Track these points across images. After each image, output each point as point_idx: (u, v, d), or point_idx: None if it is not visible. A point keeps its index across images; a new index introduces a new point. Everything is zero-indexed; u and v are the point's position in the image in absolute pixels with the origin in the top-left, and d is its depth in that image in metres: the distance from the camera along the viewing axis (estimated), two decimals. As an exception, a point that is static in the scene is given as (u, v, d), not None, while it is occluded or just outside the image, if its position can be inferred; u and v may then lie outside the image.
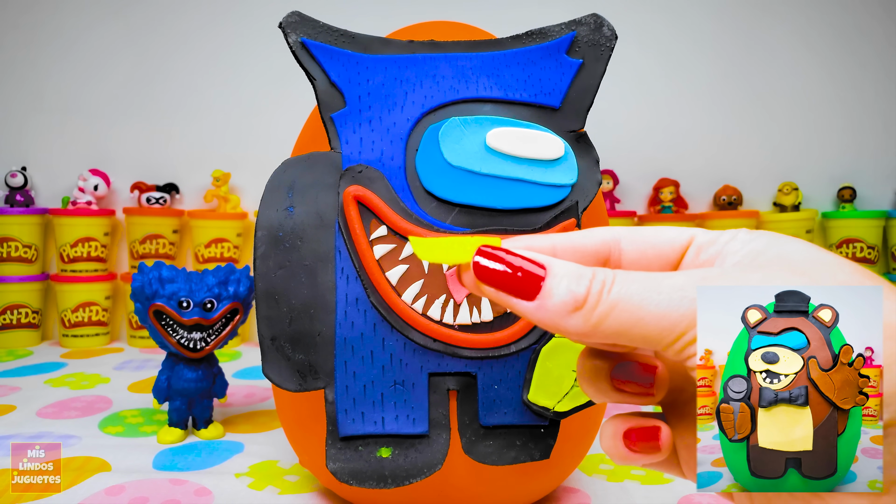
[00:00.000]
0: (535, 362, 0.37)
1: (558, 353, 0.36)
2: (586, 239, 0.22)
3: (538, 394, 0.36)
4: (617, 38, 0.41)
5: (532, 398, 0.36)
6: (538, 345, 0.36)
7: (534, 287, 0.19)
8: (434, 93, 0.41)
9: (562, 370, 0.36)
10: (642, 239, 0.22)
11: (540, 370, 0.36)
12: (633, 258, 0.22)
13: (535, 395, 0.36)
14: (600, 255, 0.22)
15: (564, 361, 0.36)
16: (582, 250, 0.22)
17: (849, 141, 1.23)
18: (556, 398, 0.36)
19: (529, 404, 0.36)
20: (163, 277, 0.58)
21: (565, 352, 0.36)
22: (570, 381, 0.36)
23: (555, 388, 0.36)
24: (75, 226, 1.08)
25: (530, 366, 0.36)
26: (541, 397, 0.37)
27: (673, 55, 1.25)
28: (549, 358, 0.36)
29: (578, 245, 0.22)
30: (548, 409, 0.36)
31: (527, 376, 0.36)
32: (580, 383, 0.24)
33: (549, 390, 0.36)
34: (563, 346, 0.36)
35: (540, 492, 0.45)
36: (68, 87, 1.20)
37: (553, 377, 0.36)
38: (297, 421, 0.45)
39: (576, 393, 0.36)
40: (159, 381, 0.61)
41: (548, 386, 0.36)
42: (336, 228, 0.41)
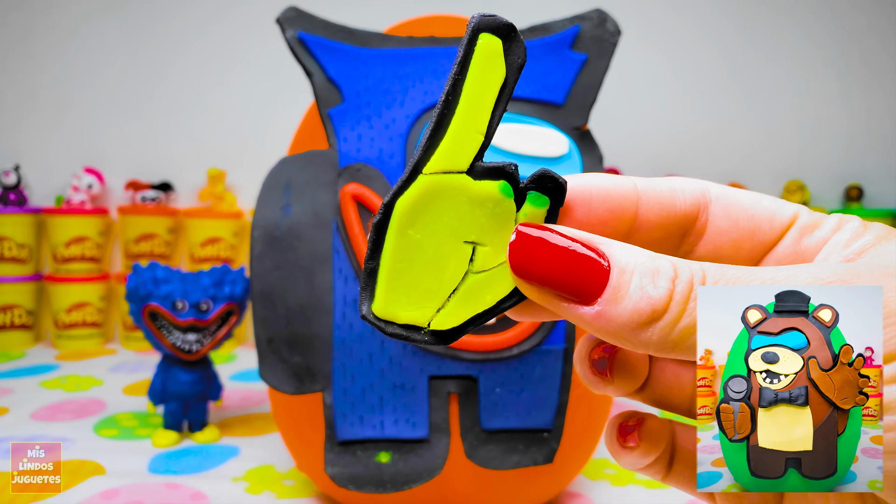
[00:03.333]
0: (385, 234, 0.17)
1: (436, 207, 0.17)
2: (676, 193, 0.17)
3: (394, 299, 0.17)
4: (621, 34, 0.41)
5: (381, 309, 0.17)
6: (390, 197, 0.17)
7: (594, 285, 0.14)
8: (434, 88, 0.40)
9: (444, 244, 0.17)
10: (738, 205, 0.17)
11: (396, 250, 0.17)
12: (721, 227, 0.17)
13: (388, 303, 0.17)
14: (690, 217, 0.17)
15: (447, 223, 0.17)
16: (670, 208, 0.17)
17: (856, 139, 1.23)
18: (433, 304, 0.17)
19: (376, 321, 0.17)
20: (157, 278, 0.58)
21: (451, 203, 0.17)
22: (459, 265, 0.17)
23: (428, 285, 0.17)
24: (69, 225, 1.07)
25: (374, 243, 0.17)
26: (401, 305, 0.17)
27: (678, 51, 1.24)
28: (415, 220, 0.17)
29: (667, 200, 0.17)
30: (417, 329, 0.17)
31: (367, 266, 0.17)
32: (576, 361, 0.19)
33: (418, 289, 0.17)
34: (447, 190, 0.17)
35: (543, 496, 0.44)
36: (62, 84, 1.19)
37: (424, 261, 0.17)
38: (295, 424, 0.44)
39: (472, 289, 0.17)
40: (154, 384, 0.60)
41: (414, 281, 0.17)
42: (334, 228, 0.40)
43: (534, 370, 0.40)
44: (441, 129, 0.17)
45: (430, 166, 0.17)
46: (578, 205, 0.17)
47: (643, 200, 0.17)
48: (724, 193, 0.17)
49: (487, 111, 0.17)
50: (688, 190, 0.17)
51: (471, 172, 0.17)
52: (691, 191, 0.17)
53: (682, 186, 0.17)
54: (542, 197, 0.17)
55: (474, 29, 0.16)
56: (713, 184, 0.18)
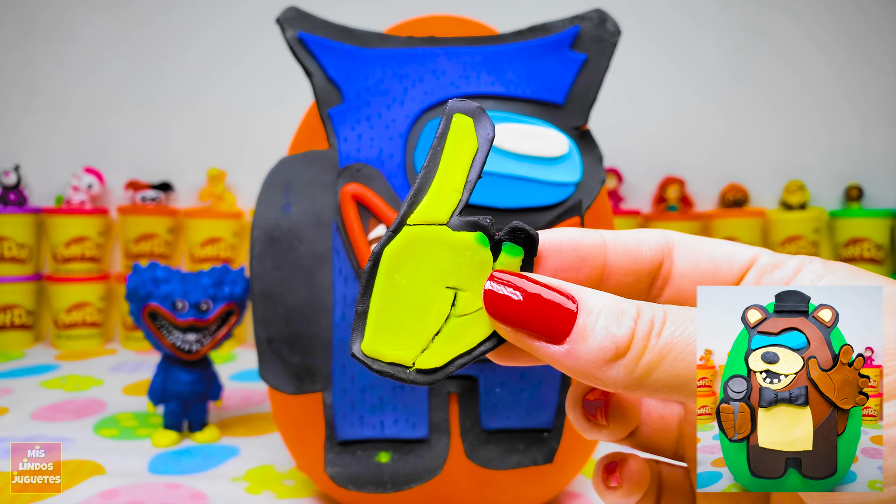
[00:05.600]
0: (374, 280, 0.19)
1: (419, 255, 0.19)
2: (641, 243, 0.19)
3: (381, 339, 0.19)
4: (621, 34, 0.41)
5: (369, 348, 0.19)
6: (379, 246, 0.19)
7: (562, 326, 0.16)
8: (434, 88, 0.40)
9: (427, 289, 0.19)
10: (698, 249, 0.19)
11: (384, 293, 0.19)
12: (684, 270, 0.19)
13: (375, 342, 0.19)
14: (655, 263, 0.19)
15: (430, 270, 0.19)
16: (636, 256, 0.18)
17: (856, 139, 1.23)
18: (417, 344, 0.19)
19: (364, 359, 0.19)
20: (157, 278, 0.58)
21: (433, 252, 0.19)
22: (442, 308, 0.19)
23: (413, 326, 0.19)
24: (69, 225, 1.07)
25: (364, 287, 0.19)
26: (387, 345, 0.19)
27: (678, 52, 1.24)
28: (401, 266, 0.19)
29: (632, 248, 0.18)
30: (403, 367, 0.19)
31: (358, 308, 0.19)
32: (568, 406, 0.21)
33: (403, 330, 0.19)
34: (428, 240, 0.19)
35: (542, 496, 0.44)
36: (62, 84, 1.19)
37: (409, 304, 0.19)
38: (294, 424, 0.44)
39: (454, 331, 0.19)
40: (154, 384, 0.60)
41: (400, 323, 0.19)
42: (334, 228, 0.40)
43: (534, 370, 0.40)
44: (423, 188, 0.19)
45: (413, 218, 0.19)
46: (551, 254, 0.18)
47: (611, 249, 0.18)
48: (684, 239, 0.19)
49: (463, 173, 0.19)
50: (652, 239, 0.19)
51: (450, 225, 0.19)
52: (655, 239, 0.19)
53: (646, 236, 0.19)
54: (517, 247, 0.18)
55: (449, 111, 0.19)
56: (675, 232, 0.19)
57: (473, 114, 0.19)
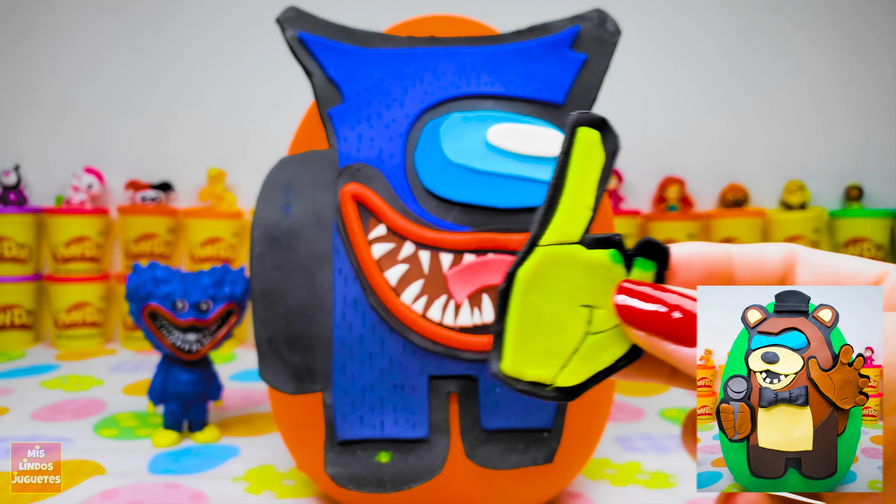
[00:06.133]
0: (509, 300, 0.19)
1: (554, 274, 0.19)
2: (765, 256, 0.19)
3: (521, 359, 0.19)
4: (621, 34, 0.41)
5: (510, 367, 0.19)
6: (512, 268, 0.19)
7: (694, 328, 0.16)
8: (434, 88, 0.40)
9: (563, 308, 0.19)
10: (822, 264, 0.19)
11: (520, 314, 0.19)
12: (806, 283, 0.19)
13: (515, 362, 0.19)
14: (778, 276, 0.19)
15: (567, 289, 0.19)
16: (760, 269, 0.19)
17: (856, 139, 1.23)
18: (556, 363, 0.19)
19: (506, 379, 0.19)
20: (157, 278, 0.58)
21: (567, 271, 0.19)
22: (578, 327, 0.19)
23: (551, 345, 0.19)
24: (69, 225, 1.07)
25: (500, 308, 0.19)
26: (527, 364, 0.19)
27: (679, 52, 1.24)
28: (536, 287, 0.19)
29: (757, 262, 0.19)
30: (543, 386, 0.19)
31: (495, 328, 0.19)
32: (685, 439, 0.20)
33: (542, 349, 0.19)
34: (562, 259, 0.19)
35: (543, 496, 0.44)
36: (62, 84, 1.19)
37: (546, 323, 0.19)
38: (294, 424, 0.44)
39: (591, 349, 0.19)
40: (154, 384, 0.60)
41: (538, 342, 0.19)
42: (333, 228, 0.40)
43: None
44: (553, 207, 0.19)
45: (545, 239, 0.19)
46: (681, 267, 0.19)
47: (736, 261, 0.19)
48: (808, 254, 0.19)
49: (593, 190, 0.19)
50: (776, 252, 0.19)
51: (582, 242, 0.19)
52: (779, 253, 0.19)
53: (770, 250, 0.19)
54: (649, 262, 0.19)
55: (573, 124, 0.19)
56: (800, 246, 0.19)
57: (598, 125, 0.19)
